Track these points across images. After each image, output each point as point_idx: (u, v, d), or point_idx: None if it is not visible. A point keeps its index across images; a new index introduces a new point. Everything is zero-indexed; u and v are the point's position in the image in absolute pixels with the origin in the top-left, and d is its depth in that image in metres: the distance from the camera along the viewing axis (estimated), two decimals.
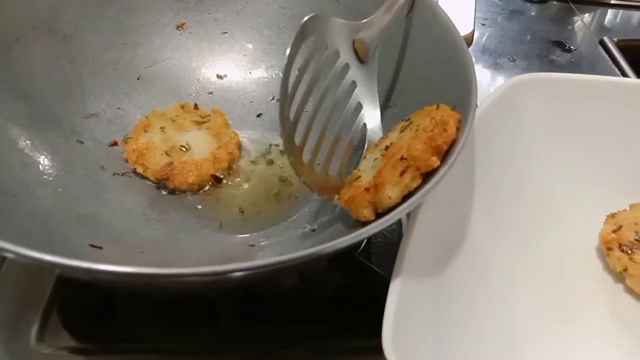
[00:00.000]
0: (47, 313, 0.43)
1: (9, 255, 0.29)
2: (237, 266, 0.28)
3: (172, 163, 0.46)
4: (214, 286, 0.37)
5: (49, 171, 0.44)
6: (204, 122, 0.50)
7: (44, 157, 0.45)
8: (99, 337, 0.42)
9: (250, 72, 0.55)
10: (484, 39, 0.78)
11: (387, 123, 0.46)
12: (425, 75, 0.44)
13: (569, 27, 0.81)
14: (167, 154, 0.47)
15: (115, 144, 0.49)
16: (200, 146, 0.48)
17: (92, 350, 0.41)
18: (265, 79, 0.54)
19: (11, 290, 0.45)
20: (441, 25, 0.43)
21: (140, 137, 0.48)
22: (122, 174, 0.47)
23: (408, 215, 0.37)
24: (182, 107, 0.51)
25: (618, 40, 0.76)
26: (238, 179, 0.49)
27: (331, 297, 0.44)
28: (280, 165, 0.50)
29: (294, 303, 0.44)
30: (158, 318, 0.43)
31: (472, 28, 0.72)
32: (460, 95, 0.37)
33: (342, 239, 0.30)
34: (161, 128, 0.49)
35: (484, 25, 0.80)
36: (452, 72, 0.40)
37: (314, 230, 0.43)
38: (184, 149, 0.48)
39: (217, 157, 0.47)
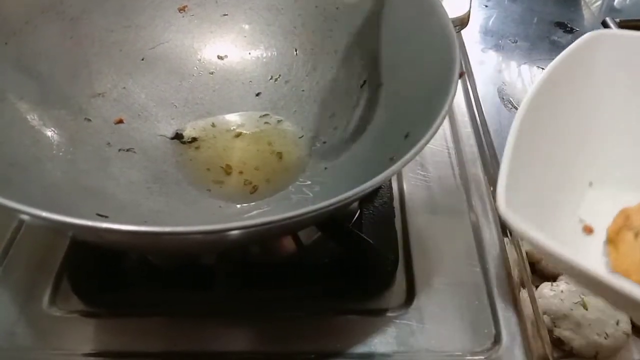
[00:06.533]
0: (59, 279, 0.46)
1: (24, 217, 0.32)
2: (238, 224, 0.29)
3: None
4: (216, 245, 0.39)
5: (58, 146, 0.46)
6: None
7: (53, 133, 0.47)
8: (106, 301, 0.45)
9: (249, 53, 0.57)
10: (487, 20, 0.78)
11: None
12: (412, 55, 0.45)
13: (572, 9, 0.81)
14: None
15: (120, 121, 0.51)
16: None
17: (100, 313, 0.44)
18: (264, 59, 0.56)
19: (26, 258, 0.48)
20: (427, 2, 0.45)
21: None
22: (127, 150, 0.49)
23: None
24: None
25: (620, 20, 0.75)
26: (239, 156, 0.51)
27: (325, 264, 0.47)
28: (278, 142, 0.52)
29: (290, 270, 0.46)
30: (162, 283, 0.46)
31: (467, 9, 0.73)
32: (442, 72, 0.39)
33: (332, 199, 0.31)
34: None
35: (487, 7, 0.81)
36: (436, 48, 0.41)
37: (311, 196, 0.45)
38: None
39: None
